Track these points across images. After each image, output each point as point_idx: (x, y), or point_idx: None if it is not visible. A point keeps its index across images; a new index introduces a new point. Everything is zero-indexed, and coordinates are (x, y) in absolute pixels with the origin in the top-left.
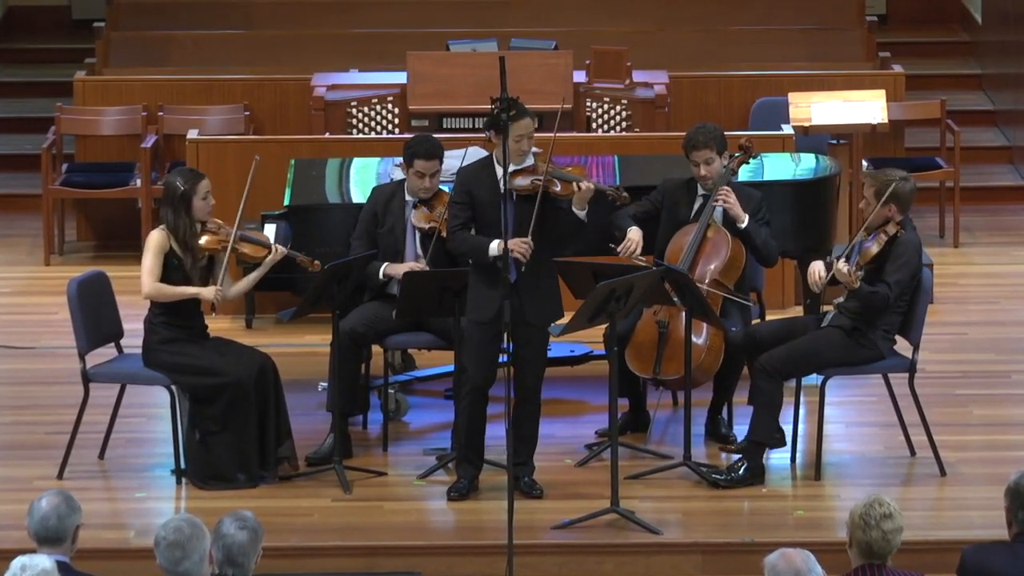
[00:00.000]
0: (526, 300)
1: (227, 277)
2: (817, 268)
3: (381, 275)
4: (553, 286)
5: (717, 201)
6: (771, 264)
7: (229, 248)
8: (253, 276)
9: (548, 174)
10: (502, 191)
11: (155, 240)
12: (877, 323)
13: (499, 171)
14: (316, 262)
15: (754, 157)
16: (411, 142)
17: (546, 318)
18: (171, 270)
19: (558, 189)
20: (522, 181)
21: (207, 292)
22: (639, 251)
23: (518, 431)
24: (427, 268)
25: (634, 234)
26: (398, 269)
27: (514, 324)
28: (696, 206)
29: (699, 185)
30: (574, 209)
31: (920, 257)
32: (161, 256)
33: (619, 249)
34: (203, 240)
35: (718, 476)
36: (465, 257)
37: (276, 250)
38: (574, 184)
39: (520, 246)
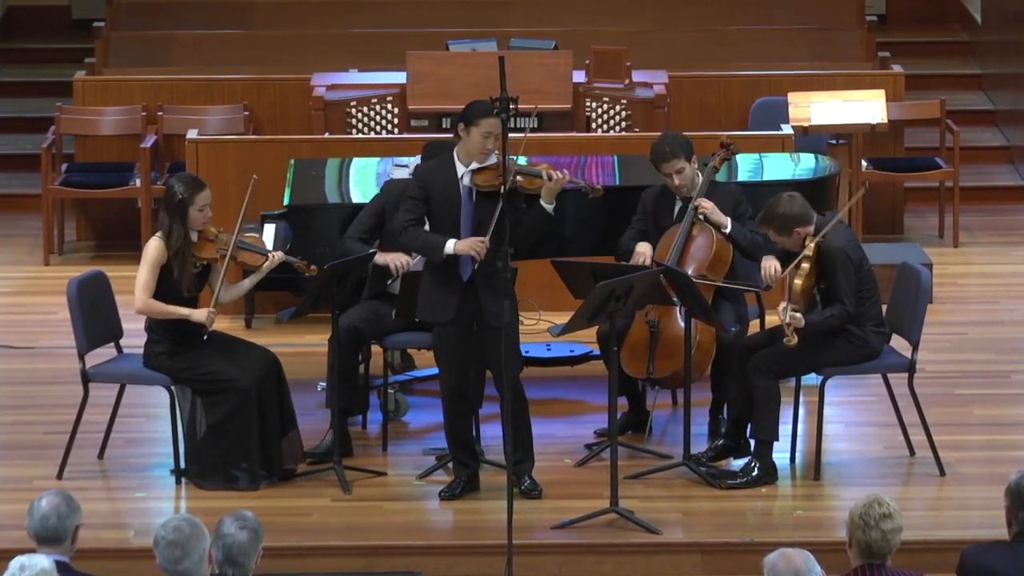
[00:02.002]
0: (483, 301)
1: (225, 282)
2: (772, 263)
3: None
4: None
5: (698, 208)
6: (760, 258)
7: (228, 257)
8: (248, 281)
9: (514, 170)
10: (463, 188)
11: (153, 252)
12: (863, 320)
13: (460, 169)
14: (313, 267)
15: (735, 154)
16: (431, 146)
17: (500, 318)
18: (163, 280)
19: (522, 181)
20: (486, 178)
21: (198, 315)
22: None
23: (509, 431)
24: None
25: (643, 247)
26: (387, 258)
27: (477, 325)
28: (677, 208)
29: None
30: (542, 203)
31: (849, 250)
32: (157, 269)
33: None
34: (202, 249)
35: (733, 481)
36: (417, 253)
37: (272, 257)
38: (544, 175)
39: (476, 245)
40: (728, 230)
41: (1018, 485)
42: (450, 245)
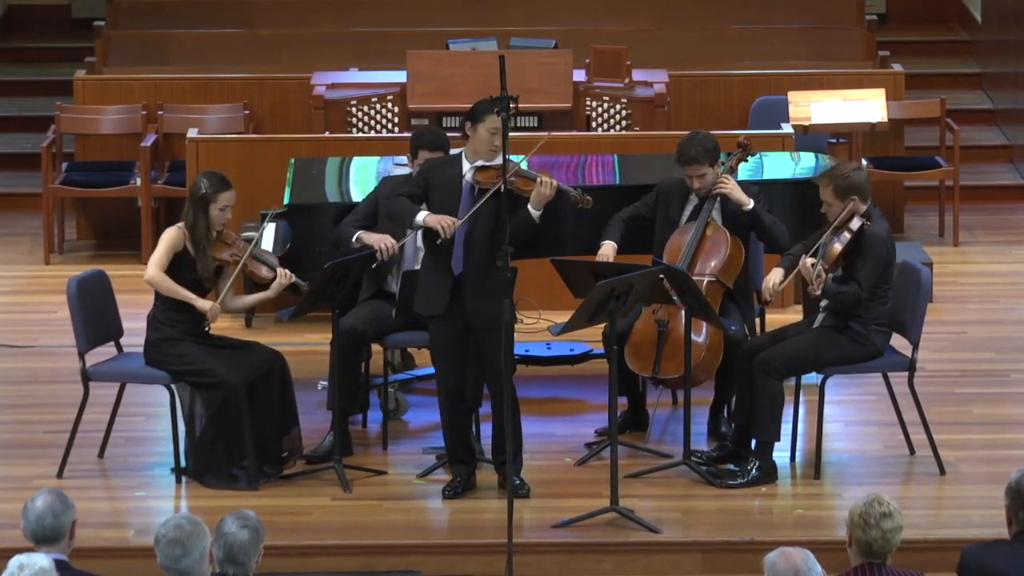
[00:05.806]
0: (469, 299)
1: (231, 290)
2: (774, 277)
3: (354, 241)
4: (498, 288)
5: (717, 188)
6: (785, 247)
7: (240, 263)
8: (253, 298)
9: (513, 171)
10: (465, 184)
11: (169, 236)
12: (867, 317)
13: (466, 165)
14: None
15: (752, 155)
16: (417, 132)
17: (489, 320)
18: (184, 268)
19: (517, 181)
20: (487, 176)
21: (201, 303)
22: None
23: (499, 429)
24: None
25: (607, 248)
26: (372, 239)
27: (468, 323)
28: (690, 208)
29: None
30: (530, 207)
31: (888, 246)
32: (171, 253)
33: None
34: (217, 250)
35: (733, 481)
36: (392, 217)
37: (282, 274)
38: (537, 180)
39: (445, 221)
40: (750, 207)
41: (1018, 484)
42: (420, 217)
